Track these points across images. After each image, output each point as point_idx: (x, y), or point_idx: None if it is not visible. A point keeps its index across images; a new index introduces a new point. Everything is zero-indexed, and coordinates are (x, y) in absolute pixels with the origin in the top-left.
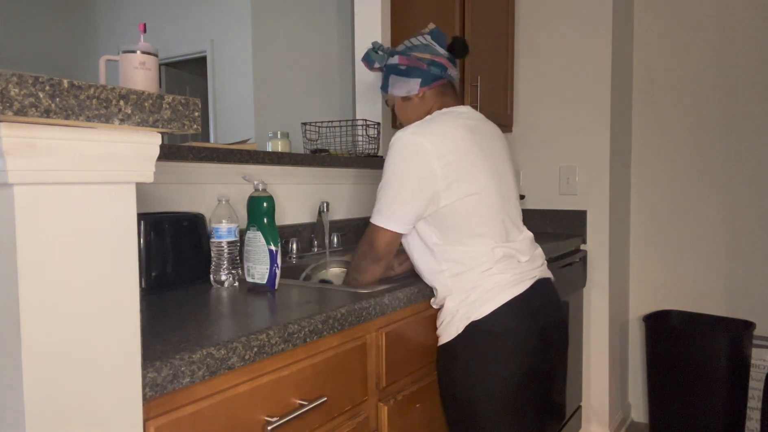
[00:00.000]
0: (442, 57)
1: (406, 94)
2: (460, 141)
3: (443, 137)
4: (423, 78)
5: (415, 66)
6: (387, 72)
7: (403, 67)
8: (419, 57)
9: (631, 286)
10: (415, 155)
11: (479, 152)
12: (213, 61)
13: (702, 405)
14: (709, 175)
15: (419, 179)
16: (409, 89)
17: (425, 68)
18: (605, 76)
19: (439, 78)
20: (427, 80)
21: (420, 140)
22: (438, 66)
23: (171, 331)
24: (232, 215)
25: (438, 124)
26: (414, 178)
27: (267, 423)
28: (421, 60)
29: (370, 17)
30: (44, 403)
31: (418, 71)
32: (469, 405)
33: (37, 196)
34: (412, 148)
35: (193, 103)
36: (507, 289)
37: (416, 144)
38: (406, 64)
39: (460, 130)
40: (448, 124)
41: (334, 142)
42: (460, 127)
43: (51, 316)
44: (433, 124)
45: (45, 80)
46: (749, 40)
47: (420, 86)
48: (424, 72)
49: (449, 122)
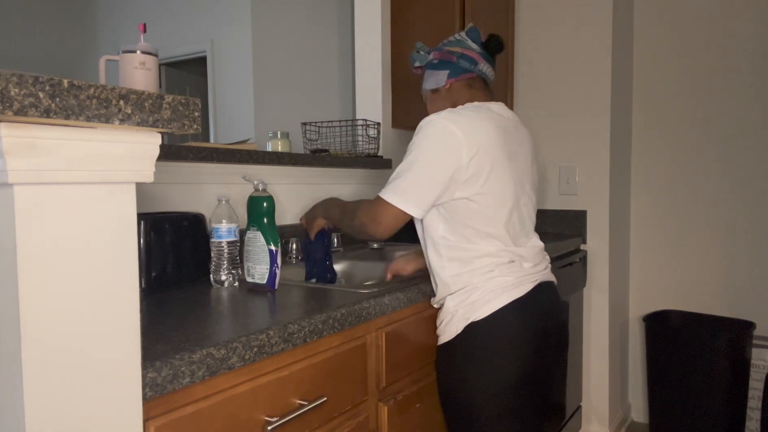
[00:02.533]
0: (473, 51)
1: (434, 86)
2: (491, 137)
3: (474, 129)
4: (451, 70)
5: (445, 59)
6: (425, 70)
7: (436, 61)
8: (450, 50)
9: (631, 286)
10: (446, 139)
11: (504, 153)
12: (213, 61)
13: (702, 405)
14: (709, 176)
15: (446, 165)
16: (437, 81)
17: (455, 60)
18: (605, 76)
19: (468, 71)
20: (455, 72)
21: (452, 127)
22: (467, 59)
23: (171, 331)
24: (232, 215)
25: (471, 115)
26: (441, 163)
27: (267, 423)
28: (451, 53)
29: (370, 17)
30: (44, 403)
31: (448, 64)
32: (468, 405)
33: (37, 196)
34: (443, 132)
35: (193, 103)
36: (508, 291)
37: (447, 129)
38: (439, 57)
39: (492, 126)
40: (480, 117)
41: (334, 142)
42: (492, 124)
43: (51, 316)
44: (466, 114)
45: (45, 80)
46: (750, 41)
47: (447, 78)
48: (453, 64)
49: (482, 116)
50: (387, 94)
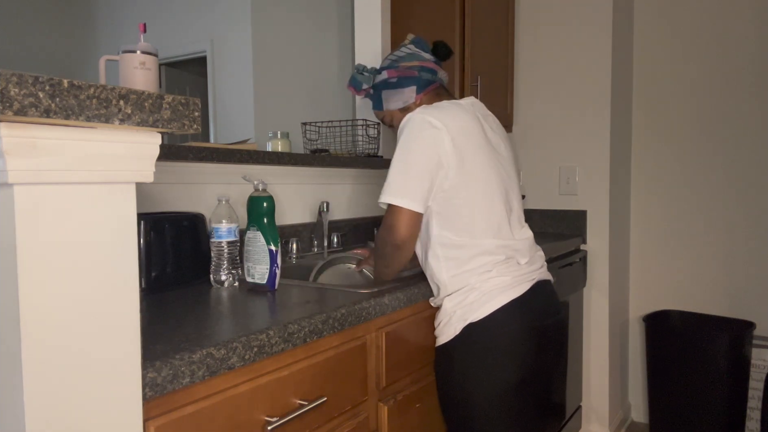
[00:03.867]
0: (429, 61)
1: (403, 105)
2: (469, 125)
3: (451, 118)
4: (417, 85)
5: (406, 75)
6: (377, 90)
7: (394, 80)
8: (408, 66)
9: (631, 286)
10: (426, 130)
11: (485, 141)
12: (213, 61)
13: (702, 405)
14: (709, 176)
15: (431, 153)
16: (405, 99)
17: (417, 75)
18: (605, 76)
19: (432, 82)
20: (421, 86)
21: (429, 118)
22: (428, 71)
23: (171, 331)
24: (232, 215)
25: (446, 106)
26: (425, 152)
27: (267, 423)
28: (411, 68)
29: (370, 17)
30: (44, 403)
31: (411, 80)
32: (466, 406)
33: (37, 196)
34: (421, 125)
35: (193, 103)
36: (505, 291)
37: (425, 121)
38: (397, 75)
39: (467, 115)
40: (456, 109)
41: (334, 142)
42: (467, 114)
43: (51, 316)
44: (441, 107)
45: (45, 80)
46: (750, 41)
47: (416, 93)
48: (417, 79)
49: (457, 108)
50: None
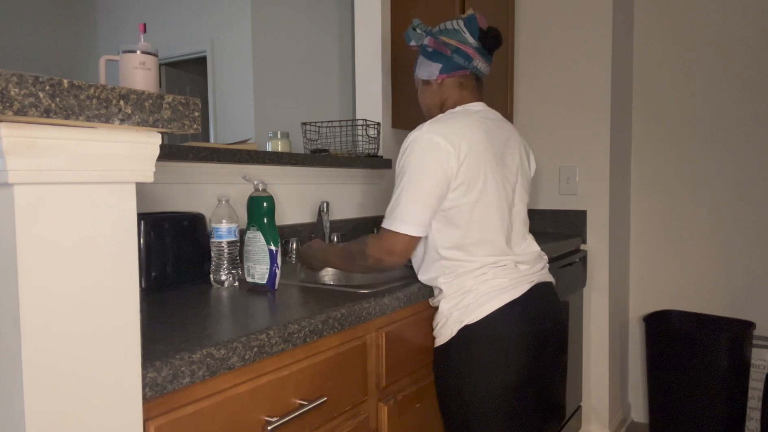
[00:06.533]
0: (469, 46)
1: (426, 78)
2: (477, 142)
3: (459, 137)
4: (444, 65)
5: (439, 51)
6: (419, 52)
7: (430, 50)
8: (445, 42)
9: (631, 286)
10: (433, 153)
11: (492, 157)
12: (213, 61)
13: (702, 405)
14: (709, 175)
15: (439, 178)
16: (430, 73)
17: (448, 54)
18: (605, 76)
19: (461, 68)
20: (447, 68)
21: (436, 139)
22: (462, 55)
23: (171, 331)
24: (232, 215)
25: (453, 123)
26: (433, 177)
27: (267, 423)
28: (446, 45)
29: (370, 17)
30: (44, 402)
31: (441, 57)
32: (464, 407)
33: (37, 195)
34: (428, 147)
35: (193, 103)
36: (502, 294)
37: (432, 142)
38: (433, 46)
39: (476, 130)
40: (463, 123)
41: (334, 142)
42: (476, 128)
43: (51, 315)
44: (448, 123)
45: (45, 80)
46: (750, 41)
47: (440, 72)
48: (447, 58)
49: (465, 121)
50: (387, 94)
